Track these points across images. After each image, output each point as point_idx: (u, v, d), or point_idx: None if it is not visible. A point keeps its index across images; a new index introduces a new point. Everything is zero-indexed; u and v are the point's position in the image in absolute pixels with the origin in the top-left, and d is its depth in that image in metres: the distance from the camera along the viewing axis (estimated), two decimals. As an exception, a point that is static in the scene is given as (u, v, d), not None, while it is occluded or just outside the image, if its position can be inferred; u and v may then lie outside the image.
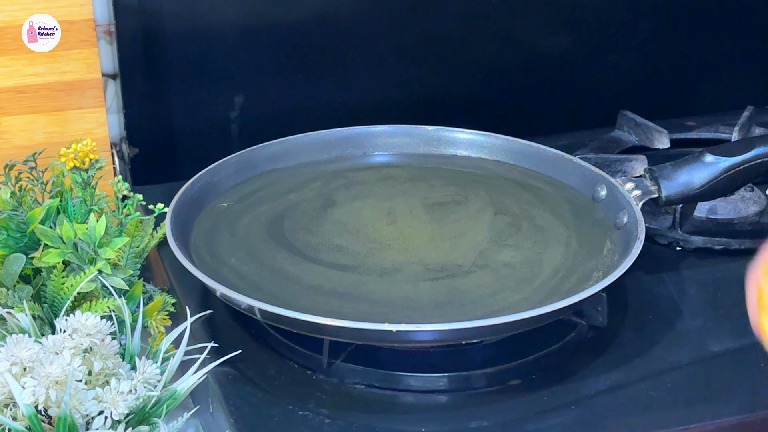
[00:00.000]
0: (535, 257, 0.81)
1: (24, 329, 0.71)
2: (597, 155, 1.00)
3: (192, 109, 1.03)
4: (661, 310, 0.82)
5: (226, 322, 0.80)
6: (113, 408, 0.64)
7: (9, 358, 0.64)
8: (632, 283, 0.76)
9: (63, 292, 0.75)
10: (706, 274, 0.87)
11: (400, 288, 0.78)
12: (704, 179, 0.85)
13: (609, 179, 0.87)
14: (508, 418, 0.71)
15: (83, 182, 0.82)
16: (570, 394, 0.73)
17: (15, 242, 0.79)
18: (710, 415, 0.71)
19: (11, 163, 0.84)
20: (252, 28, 1.01)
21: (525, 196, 0.90)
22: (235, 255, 0.82)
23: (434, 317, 0.74)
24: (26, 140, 0.98)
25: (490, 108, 1.09)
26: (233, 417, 0.70)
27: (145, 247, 0.85)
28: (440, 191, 0.91)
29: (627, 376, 0.74)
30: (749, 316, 0.69)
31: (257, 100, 1.04)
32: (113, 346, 0.68)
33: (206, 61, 1.01)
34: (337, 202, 0.89)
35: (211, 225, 0.86)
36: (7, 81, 0.96)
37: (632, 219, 0.81)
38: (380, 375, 0.74)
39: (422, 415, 0.72)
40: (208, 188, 0.89)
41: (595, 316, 0.78)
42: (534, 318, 0.70)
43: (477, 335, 0.73)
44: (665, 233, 0.90)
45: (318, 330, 0.71)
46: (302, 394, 0.73)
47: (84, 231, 0.76)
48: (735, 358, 0.77)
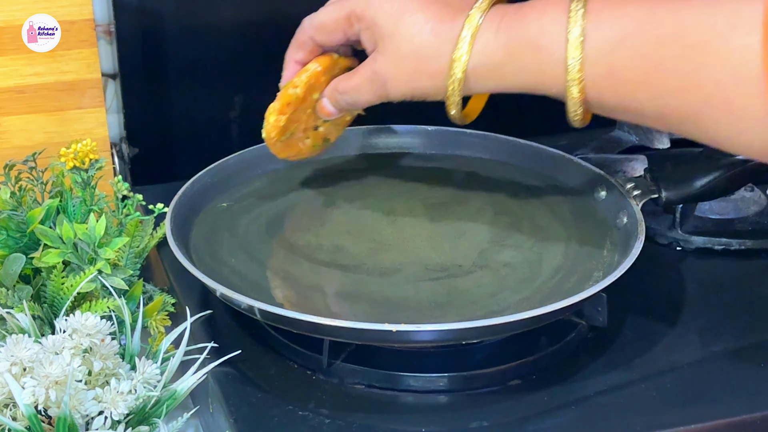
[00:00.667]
0: (535, 257, 0.81)
1: (24, 329, 0.71)
2: (597, 155, 1.00)
3: (192, 109, 1.03)
4: (661, 310, 0.82)
5: (226, 322, 0.80)
6: (113, 408, 0.64)
7: (9, 358, 0.64)
8: (632, 283, 0.76)
9: (63, 292, 0.75)
10: (706, 274, 0.87)
11: (400, 288, 0.78)
12: (704, 179, 0.85)
13: (609, 179, 0.87)
14: (508, 418, 0.71)
15: (83, 182, 0.82)
16: (570, 394, 0.73)
17: (15, 242, 0.79)
18: (710, 415, 0.71)
19: (11, 163, 0.84)
20: (252, 28, 1.01)
21: (525, 196, 0.90)
22: (235, 255, 0.82)
23: (434, 317, 0.74)
24: (26, 140, 0.98)
25: (490, 108, 1.08)
26: (233, 417, 0.70)
27: (145, 247, 0.85)
28: (440, 191, 0.91)
29: (627, 376, 0.74)
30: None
31: (257, 100, 1.03)
32: (113, 346, 0.68)
33: (206, 61, 1.01)
34: (337, 202, 0.89)
35: (211, 225, 0.86)
36: (7, 81, 0.96)
37: (632, 219, 0.81)
38: (380, 375, 0.74)
39: (422, 415, 0.72)
40: (208, 188, 0.89)
41: (595, 316, 0.78)
42: (534, 318, 0.70)
43: (477, 335, 0.73)
44: (665, 233, 0.90)
45: (318, 330, 0.71)
46: (302, 394, 0.73)
47: (84, 231, 0.76)
48: (735, 358, 0.77)
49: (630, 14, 0.69)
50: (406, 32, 0.75)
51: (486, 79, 0.74)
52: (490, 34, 0.73)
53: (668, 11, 0.67)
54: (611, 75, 0.70)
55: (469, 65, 0.74)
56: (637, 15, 0.68)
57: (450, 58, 0.74)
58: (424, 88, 0.77)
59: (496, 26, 0.73)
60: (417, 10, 0.75)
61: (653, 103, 0.69)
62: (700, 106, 0.67)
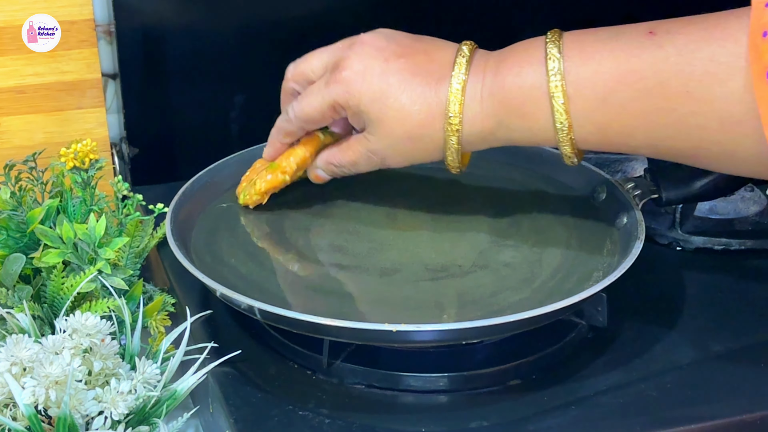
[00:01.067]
0: (535, 257, 0.81)
1: (24, 329, 0.71)
2: (597, 155, 1.00)
3: (192, 109, 1.03)
4: (661, 310, 0.82)
5: (226, 322, 0.80)
6: (113, 408, 0.64)
7: (9, 358, 0.64)
8: (632, 283, 0.76)
9: (63, 292, 0.75)
10: (706, 274, 0.87)
11: (400, 288, 0.78)
12: (704, 179, 0.85)
13: (609, 179, 0.87)
14: (508, 418, 0.71)
15: (83, 182, 0.82)
16: (570, 394, 0.73)
17: (15, 242, 0.79)
18: (710, 415, 0.71)
19: (11, 163, 0.84)
20: (252, 28, 1.01)
21: (525, 196, 0.90)
22: (235, 255, 0.82)
23: (434, 317, 0.74)
24: (26, 140, 0.98)
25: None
26: (233, 417, 0.70)
27: (145, 247, 0.85)
28: (440, 191, 0.90)
29: (627, 376, 0.74)
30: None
31: (257, 100, 1.04)
32: (113, 346, 0.68)
33: (206, 61, 1.01)
34: (337, 202, 0.89)
35: (211, 225, 0.86)
36: (7, 81, 0.96)
37: (632, 219, 0.81)
38: (380, 375, 0.74)
39: (422, 415, 0.72)
40: (208, 188, 0.89)
41: (595, 316, 0.78)
42: (534, 318, 0.70)
43: (477, 335, 0.73)
44: (665, 233, 0.90)
45: (318, 330, 0.71)
46: (302, 394, 0.73)
47: (84, 231, 0.76)
48: (735, 358, 0.77)
49: (608, 70, 0.69)
50: (396, 116, 0.76)
51: (481, 143, 0.77)
52: (476, 105, 0.74)
53: (645, 64, 0.68)
54: (599, 131, 0.71)
55: (463, 136, 0.76)
56: (615, 71, 0.69)
57: (443, 132, 0.76)
58: (422, 159, 0.80)
59: (479, 96, 0.74)
60: (400, 92, 0.76)
61: (647, 149, 0.72)
62: (693, 149, 0.69)
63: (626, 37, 0.70)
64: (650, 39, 0.68)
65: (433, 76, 0.76)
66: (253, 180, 0.87)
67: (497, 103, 0.73)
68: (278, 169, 0.86)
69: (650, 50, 0.68)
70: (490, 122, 0.74)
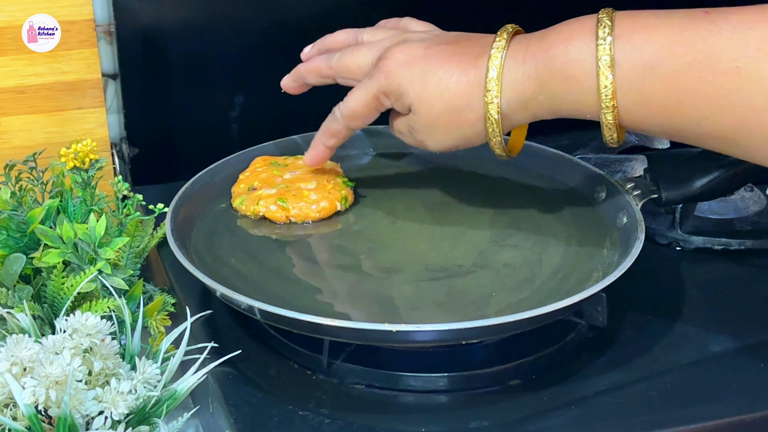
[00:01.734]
0: (535, 257, 0.81)
1: (24, 329, 0.71)
2: (597, 155, 1.00)
3: (192, 109, 1.03)
4: (661, 310, 0.82)
5: (226, 322, 0.80)
6: (113, 408, 0.64)
7: (9, 358, 0.64)
8: (632, 283, 0.76)
9: (63, 292, 0.75)
10: (706, 274, 0.87)
11: (400, 288, 0.78)
12: (704, 179, 0.85)
13: (609, 179, 0.87)
14: (508, 418, 0.71)
15: (83, 182, 0.82)
16: (570, 394, 0.73)
17: (15, 242, 0.79)
18: (710, 415, 0.71)
19: (11, 163, 0.84)
20: (252, 28, 1.01)
21: (525, 196, 0.90)
22: (235, 255, 0.82)
23: (434, 317, 0.74)
24: (26, 140, 0.98)
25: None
26: (233, 417, 0.70)
27: (145, 247, 0.85)
28: (440, 191, 0.90)
29: (627, 376, 0.74)
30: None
31: (257, 100, 1.04)
32: (113, 346, 0.68)
33: (206, 61, 1.01)
34: (337, 202, 0.89)
35: (211, 225, 0.86)
36: (7, 81, 0.96)
37: (632, 219, 0.81)
38: (380, 375, 0.74)
39: (422, 415, 0.72)
40: (208, 188, 0.89)
41: (595, 316, 0.78)
42: (534, 318, 0.70)
43: (477, 335, 0.73)
44: (665, 233, 0.90)
45: (318, 330, 0.71)
46: (302, 394, 0.73)
47: (84, 231, 0.76)
48: (735, 358, 0.77)
49: (659, 40, 0.68)
50: (434, 91, 0.76)
51: (522, 111, 0.75)
52: (517, 68, 0.73)
53: (697, 37, 0.67)
54: (644, 102, 0.70)
55: (503, 104, 0.74)
56: (666, 41, 0.68)
57: (483, 102, 0.74)
58: (464, 136, 0.78)
59: (521, 59, 0.73)
60: (438, 68, 0.76)
61: (688, 127, 0.70)
62: (736, 129, 0.67)
63: (680, 14, 0.69)
64: (704, 16, 0.68)
65: (473, 53, 0.76)
66: (258, 195, 0.86)
67: (540, 65, 0.72)
68: (286, 210, 0.85)
69: (703, 24, 0.67)
70: (531, 84, 0.73)
